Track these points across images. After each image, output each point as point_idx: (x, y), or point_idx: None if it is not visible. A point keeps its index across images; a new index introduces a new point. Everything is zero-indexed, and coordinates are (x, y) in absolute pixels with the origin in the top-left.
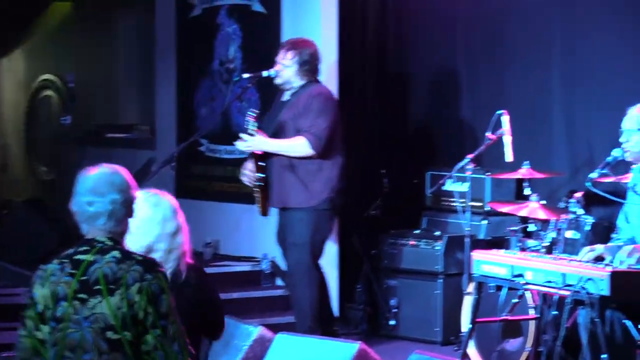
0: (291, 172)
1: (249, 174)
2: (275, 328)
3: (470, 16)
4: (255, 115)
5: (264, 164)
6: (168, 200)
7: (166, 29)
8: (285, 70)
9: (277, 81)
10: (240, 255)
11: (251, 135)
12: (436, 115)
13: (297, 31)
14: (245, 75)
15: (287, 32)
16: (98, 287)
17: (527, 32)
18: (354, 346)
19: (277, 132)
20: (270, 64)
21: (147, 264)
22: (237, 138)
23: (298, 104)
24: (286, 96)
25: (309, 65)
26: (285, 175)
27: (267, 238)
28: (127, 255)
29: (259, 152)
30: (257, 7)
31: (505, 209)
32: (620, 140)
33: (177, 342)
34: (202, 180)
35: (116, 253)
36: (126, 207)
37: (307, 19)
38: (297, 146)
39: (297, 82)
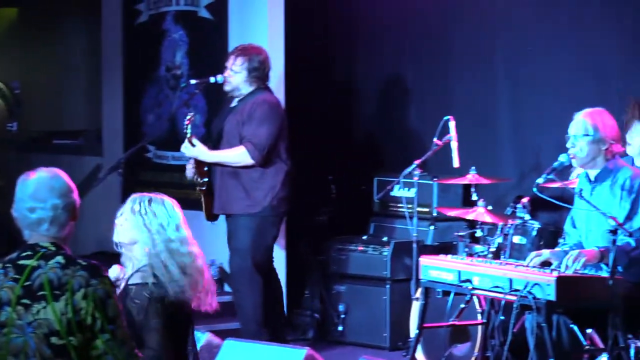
0: (234, 178)
1: (191, 168)
2: (224, 334)
3: (416, 23)
4: (191, 118)
5: (207, 169)
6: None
7: (112, 35)
8: (235, 76)
9: (226, 88)
10: None
11: (192, 145)
12: (383, 121)
13: (244, 37)
14: (193, 81)
15: (234, 39)
16: (42, 292)
17: (473, 39)
18: (302, 352)
19: (221, 139)
20: (217, 70)
21: (92, 269)
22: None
23: (243, 111)
24: (234, 102)
25: (258, 72)
26: (228, 182)
27: (215, 244)
28: (72, 260)
29: None
30: (204, 14)
31: (452, 212)
32: (567, 145)
33: (125, 345)
34: (150, 186)
35: (60, 258)
36: (68, 212)
37: (254, 26)
38: (237, 156)
39: (246, 88)
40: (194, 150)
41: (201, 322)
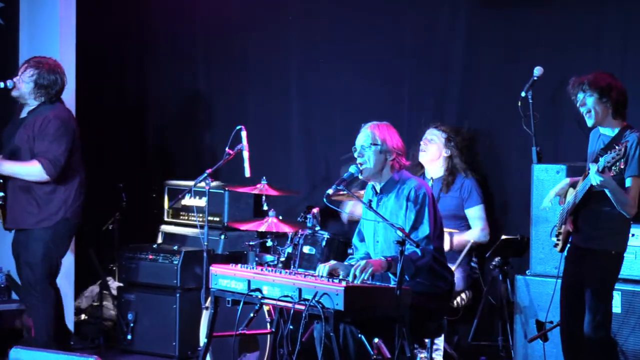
0: (26, 193)
1: None
2: None
3: (211, 34)
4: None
5: (2, 182)
6: None
7: None
8: (22, 84)
9: (14, 93)
10: None
11: None
12: (176, 130)
13: (35, 45)
14: None
15: (25, 44)
16: None
17: (267, 51)
18: None
19: (13, 153)
20: (7, 75)
21: None
22: None
23: (34, 125)
24: (24, 113)
25: (46, 90)
26: (20, 197)
27: (2, 251)
28: None
29: None
30: None
31: (244, 226)
32: (355, 155)
33: None
34: None
35: None
36: None
37: (45, 31)
38: (31, 170)
39: (32, 101)
40: None
41: None
